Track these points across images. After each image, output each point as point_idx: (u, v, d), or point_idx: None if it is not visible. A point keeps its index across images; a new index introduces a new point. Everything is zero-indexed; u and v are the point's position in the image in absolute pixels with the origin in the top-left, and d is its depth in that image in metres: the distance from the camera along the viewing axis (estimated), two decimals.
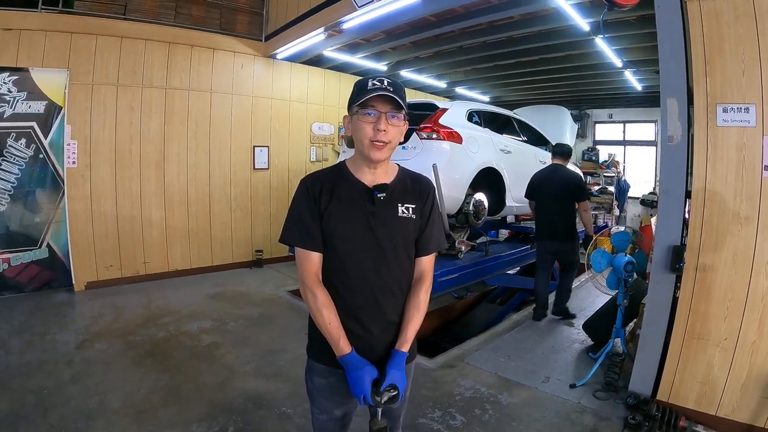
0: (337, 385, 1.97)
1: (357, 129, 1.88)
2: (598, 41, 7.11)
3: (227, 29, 8.39)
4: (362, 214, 1.91)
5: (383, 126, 1.84)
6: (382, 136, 1.84)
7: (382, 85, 1.83)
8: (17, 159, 6.52)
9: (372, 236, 1.91)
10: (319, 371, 2.02)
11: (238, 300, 6.90)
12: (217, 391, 4.20)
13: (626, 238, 4.93)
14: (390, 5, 5.81)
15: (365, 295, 1.93)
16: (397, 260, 1.97)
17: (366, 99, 1.82)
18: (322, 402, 2.05)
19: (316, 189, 1.92)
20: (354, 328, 1.92)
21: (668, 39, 3.65)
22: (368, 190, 1.93)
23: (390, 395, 1.81)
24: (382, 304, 1.95)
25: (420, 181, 2.08)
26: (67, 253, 6.94)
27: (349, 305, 1.93)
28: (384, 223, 1.93)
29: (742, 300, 3.42)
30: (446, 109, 5.79)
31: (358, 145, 1.91)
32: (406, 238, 1.98)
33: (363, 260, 1.92)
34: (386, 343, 1.97)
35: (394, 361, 1.90)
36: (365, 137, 1.85)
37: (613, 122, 14.61)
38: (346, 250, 1.91)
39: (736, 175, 3.41)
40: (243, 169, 8.82)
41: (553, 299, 6.31)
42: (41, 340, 5.16)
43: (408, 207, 1.97)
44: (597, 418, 3.83)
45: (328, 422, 2.07)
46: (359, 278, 1.92)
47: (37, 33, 6.57)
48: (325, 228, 1.90)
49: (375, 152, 1.86)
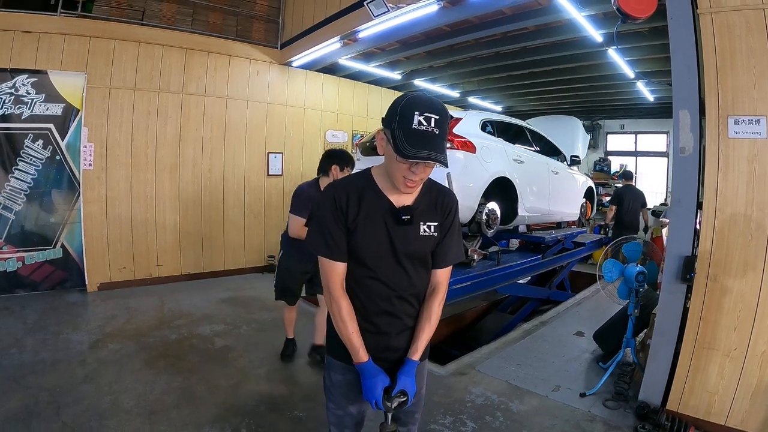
0: (354, 382, 2.03)
1: (391, 162, 1.84)
2: (611, 52, 7.14)
3: (243, 36, 8.50)
4: (385, 231, 1.94)
5: (420, 172, 1.83)
6: (415, 177, 1.83)
7: (428, 129, 1.73)
8: (34, 160, 6.63)
9: (393, 251, 1.95)
10: (338, 368, 2.08)
11: (251, 304, 6.93)
12: (230, 394, 4.23)
13: (637, 249, 4.93)
14: (406, 15, 5.89)
15: (383, 303, 1.99)
16: (416, 273, 2.02)
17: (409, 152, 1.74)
18: (339, 398, 2.10)
19: (343, 199, 1.93)
20: (371, 330, 2.00)
21: (681, 51, 3.67)
22: (394, 209, 1.95)
23: (400, 401, 1.90)
24: (399, 312, 2.01)
25: (445, 195, 2.09)
26: (81, 253, 7.03)
27: (368, 311, 1.99)
28: (405, 240, 1.96)
29: (752, 310, 3.43)
30: (460, 118, 5.80)
31: (391, 173, 1.89)
32: (425, 254, 2.03)
33: (383, 271, 1.97)
34: (401, 346, 2.05)
35: (405, 368, 1.98)
36: (399, 174, 1.84)
37: (625, 133, 14.55)
38: (368, 262, 1.96)
39: (747, 186, 3.43)
40: (257, 175, 8.90)
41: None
42: (55, 339, 5.23)
43: (430, 225, 2.00)
44: (607, 426, 3.83)
45: (344, 417, 2.12)
46: (379, 288, 1.98)
47: (56, 36, 6.70)
48: (350, 239, 1.94)
49: (406, 188, 1.88)
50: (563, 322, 6.73)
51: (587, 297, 7.99)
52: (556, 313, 7.13)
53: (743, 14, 3.38)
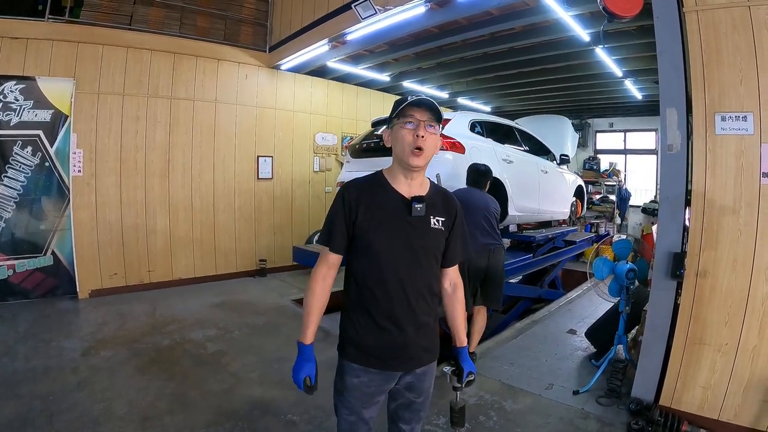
0: (368, 384, 2.12)
1: (397, 138, 2.06)
2: (599, 51, 7.18)
3: (232, 40, 8.48)
4: (399, 223, 2.06)
5: (422, 132, 2.00)
6: (420, 142, 2.00)
7: (421, 100, 2.02)
8: (23, 167, 6.59)
9: (408, 243, 2.06)
10: (352, 371, 2.13)
11: (243, 309, 6.92)
12: (223, 398, 4.22)
13: (627, 246, 4.95)
14: (394, 17, 5.91)
15: (399, 297, 2.07)
16: (429, 266, 2.14)
17: (406, 108, 2.03)
18: (353, 402, 2.14)
19: (352, 197, 2.07)
20: (390, 329, 2.08)
21: (667, 49, 3.71)
22: (406, 200, 2.08)
23: (470, 379, 2.27)
24: (414, 306, 2.10)
25: (449, 198, 2.25)
26: (72, 260, 6.99)
27: (386, 307, 2.07)
28: (419, 231, 2.08)
29: (742, 305, 3.46)
30: (449, 119, 5.83)
31: (399, 152, 2.07)
32: (436, 247, 2.16)
33: (398, 265, 2.06)
34: (419, 344, 2.14)
35: (461, 356, 2.30)
36: (406, 144, 2.02)
37: (614, 131, 14.62)
38: (383, 256, 2.05)
39: (735, 182, 3.46)
40: (247, 178, 8.88)
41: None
42: (47, 347, 5.19)
43: (438, 219, 2.13)
44: (600, 423, 3.85)
45: (357, 423, 2.16)
46: (394, 282, 2.06)
47: (44, 42, 6.66)
48: (362, 235, 2.06)
49: (414, 159, 2.02)
50: (555, 320, 6.76)
51: (579, 295, 8.01)
52: (548, 312, 7.16)
53: (729, 12, 3.42)
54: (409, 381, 2.18)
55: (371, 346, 2.09)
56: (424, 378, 2.21)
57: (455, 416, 2.29)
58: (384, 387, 2.16)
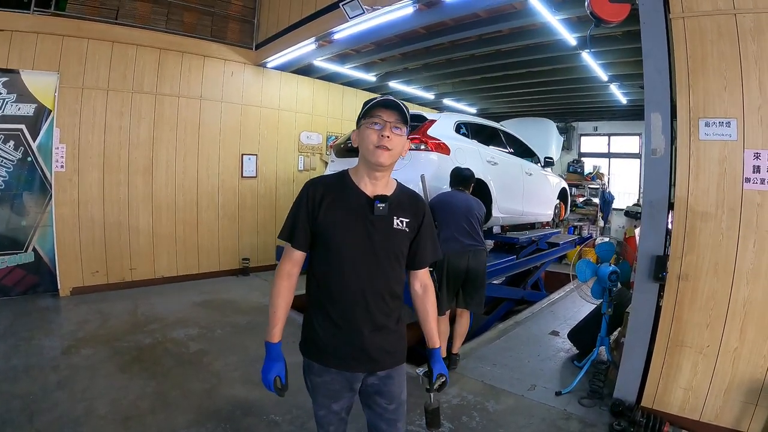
0: (331, 382, 2.11)
1: (363, 137, 2.04)
2: (585, 55, 7.24)
3: (218, 37, 8.43)
4: (361, 222, 2.03)
5: (387, 133, 1.98)
6: (385, 142, 1.97)
7: (387, 101, 2.00)
8: (5, 161, 6.50)
9: (369, 243, 2.03)
10: (314, 370, 2.13)
11: (225, 308, 6.87)
12: (205, 398, 4.19)
13: (610, 249, 4.99)
14: (381, 17, 5.91)
15: (357, 297, 2.04)
16: (390, 267, 2.10)
17: (373, 108, 2.01)
18: (320, 398, 2.15)
19: (317, 193, 2.06)
20: (346, 329, 2.06)
21: (653, 55, 3.74)
22: (369, 199, 2.05)
23: (440, 382, 2.24)
24: (372, 307, 2.06)
25: (416, 199, 2.22)
26: (53, 257, 6.90)
27: (342, 306, 2.05)
28: (380, 231, 2.05)
29: (723, 308, 3.50)
30: (434, 120, 5.84)
31: (364, 151, 2.04)
32: (399, 248, 2.12)
33: (358, 264, 2.03)
34: (378, 346, 2.10)
35: (433, 358, 2.29)
36: (370, 143, 1.99)
37: (599, 135, 14.78)
38: (343, 255, 2.03)
39: (718, 187, 3.50)
40: (231, 176, 8.82)
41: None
42: (27, 345, 5.12)
43: (402, 220, 2.10)
44: (583, 424, 3.87)
45: (328, 415, 2.17)
46: (353, 281, 2.03)
47: (29, 35, 6.56)
48: (323, 232, 2.04)
49: (378, 155, 1.99)
50: (538, 321, 6.80)
51: (562, 297, 8.06)
52: (530, 313, 7.19)
53: (715, 19, 3.46)
54: (374, 383, 2.15)
55: (329, 345, 2.08)
56: (390, 382, 2.18)
57: (429, 417, 2.30)
58: (348, 386, 2.13)
